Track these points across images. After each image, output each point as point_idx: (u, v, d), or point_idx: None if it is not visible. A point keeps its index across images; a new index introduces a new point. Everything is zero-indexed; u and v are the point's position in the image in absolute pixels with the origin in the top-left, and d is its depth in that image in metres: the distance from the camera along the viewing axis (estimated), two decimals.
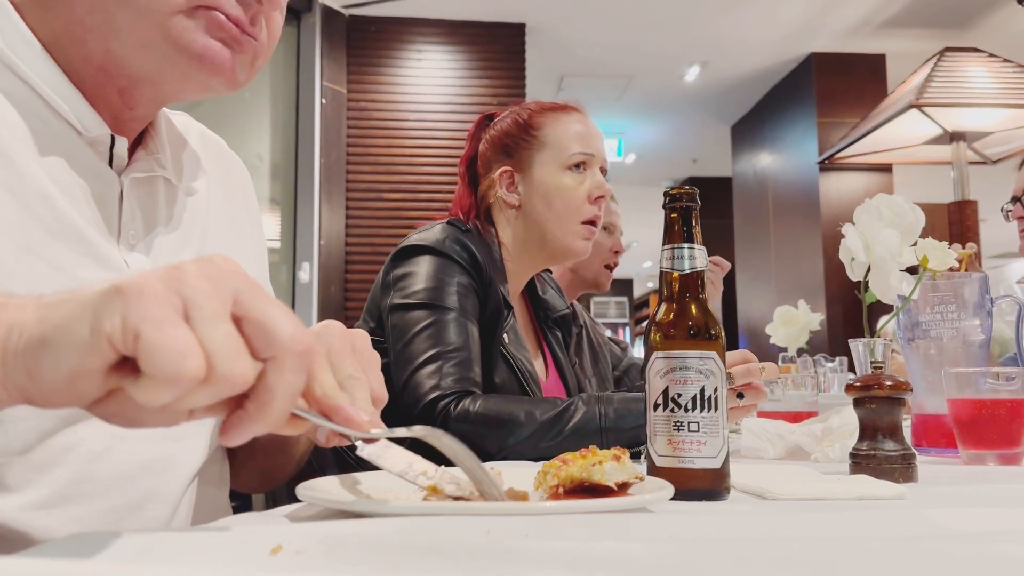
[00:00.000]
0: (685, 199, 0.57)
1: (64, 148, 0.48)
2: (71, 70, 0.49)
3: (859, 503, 0.52)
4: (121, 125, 0.53)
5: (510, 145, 1.09)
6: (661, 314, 0.57)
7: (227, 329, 0.30)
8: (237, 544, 0.32)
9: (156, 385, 0.28)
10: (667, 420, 0.54)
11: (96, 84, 0.50)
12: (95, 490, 0.47)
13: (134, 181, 0.53)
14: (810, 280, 3.85)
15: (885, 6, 3.43)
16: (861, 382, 0.66)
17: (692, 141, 5.25)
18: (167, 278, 0.29)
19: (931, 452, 0.86)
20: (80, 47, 0.49)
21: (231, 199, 0.64)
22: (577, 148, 1.07)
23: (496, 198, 1.09)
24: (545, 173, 1.06)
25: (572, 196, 1.05)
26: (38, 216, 0.46)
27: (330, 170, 3.14)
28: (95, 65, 0.49)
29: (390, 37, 3.33)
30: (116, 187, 0.51)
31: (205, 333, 0.29)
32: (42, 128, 0.47)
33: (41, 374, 0.29)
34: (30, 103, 0.47)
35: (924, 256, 0.73)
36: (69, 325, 0.29)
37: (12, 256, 0.44)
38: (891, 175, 3.87)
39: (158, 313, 0.28)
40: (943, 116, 2.63)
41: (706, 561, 0.31)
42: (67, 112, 0.48)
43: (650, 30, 3.62)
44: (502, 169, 1.08)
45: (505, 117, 1.12)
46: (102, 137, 0.50)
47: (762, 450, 0.85)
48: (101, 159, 0.51)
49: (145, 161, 0.54)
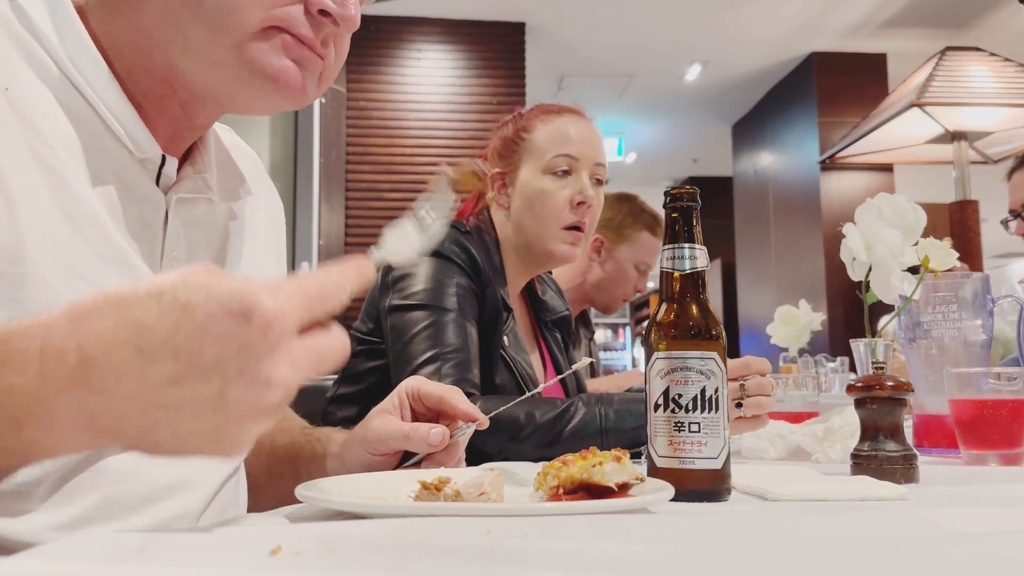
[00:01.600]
0: (686, 199, 0.57)
1: (115, 166, 0.48)
2: (131, 80, 0.48)
3: (860, 504, 0.52)
4: (178, 138, 0.52)
5: (504, 148, 1.09)
6: (662, 314, 0.56)
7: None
8: (236, 544, 0.32)
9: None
10: (667, 421, 0.54)
11: (157, 97, 0.49)
12: (121, 511, 0.47)
13: (180, 201, 0.52)
14: (811, 280, 3.85)
15: (886, 5, 3.42)
16: (862, 382, 0.65)
17: (693, 141, 5.24)
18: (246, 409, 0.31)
19: (932, 452, 0.86)
20: (145, 58, 0.48)
21: (269, 223, 0.64)
22: (558, 151, 1.04)
23: (489, 200, 1.09)
24: (528, 177, 1.06)
25: (552, 201, 1.03)
26: (89, 239, 0.45)
27: (329, 170, 3.14)
28: (158, 78, 0.49)
29: (390, 36, 3.33)
30: (162, 207, 0.51)
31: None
32: (95, 145, 0.47)
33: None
34: (86, 118, 0.47)
35: (925, 256, 0.73)
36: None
37: (62, 280, 0.43)
38: (892, 175, 3.87)
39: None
40: (944, 115, 2.63)
41: (706, 562, 0.31)
42: (122, 134, 0.47)
43: (651, 29, 3.62)
44: (495, 171, 1.08)
45: (509, 120, 1.12)
46: (153, 157, 0.49)
47: (763, 451, 0.85)
48: (149, 177, 0.50)
49: (192, 180, 0.53)
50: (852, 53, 3.82)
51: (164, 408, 0.30)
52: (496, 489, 0.46)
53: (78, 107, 0.46)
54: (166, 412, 0.30)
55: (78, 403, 0.30)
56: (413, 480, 0.49)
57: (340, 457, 0.61)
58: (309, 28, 0.48)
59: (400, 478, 0.52)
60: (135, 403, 0.30)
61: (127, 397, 0.30)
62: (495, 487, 0.46)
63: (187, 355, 0.30)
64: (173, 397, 0.30)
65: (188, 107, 0.51)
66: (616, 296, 1.71)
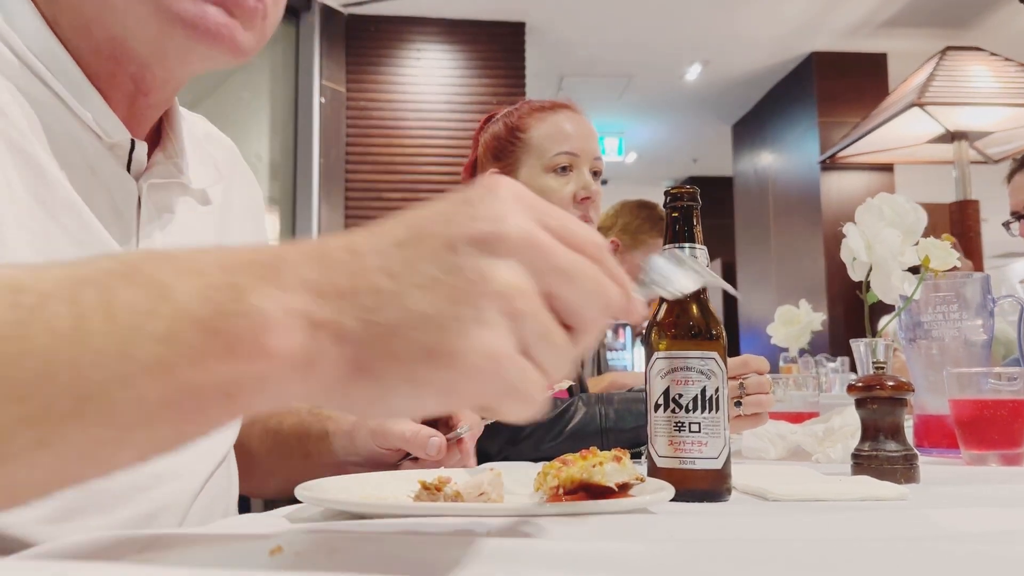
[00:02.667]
0: (686, 198, 0.57)
1: (84, 154, 0.47)
2: (84, 64, 0.47)
3: (861, 504, 0.52)
4: (138, 116, 0.50)
5: (499, 148, 1.09)
6: (662, 314, 0.56)
7: (560, 345, 0.28)
8: (237, 545, 0.32)
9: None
10: (668, 421, 0.53)
11: (108, 75, 0.48)
12: (108, 502, 0.47)
13: (152, 187, 0.51)
14: (811, 280, 3.85)
15: (886, 5, 3.42)
16: (863, 382, 0.65)
17: (693, 140, 5.24)
18: (502, 325, 0.26)
19: (933, 452, 0.86)
20: (88, 38, 0.47)
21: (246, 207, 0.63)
22: (559, 149, 1.05)
23: None
24: (529, 176, 1.06)
25: (556, 199, 1.04)
26: (66, 228, 0.44)
27: (329, 170, 3.14)
28: (104, 55, 0.47)
29: (389, 36, 3.33)
30: (134, 194, 0.50)
31: (543, 360, 0.27)
32: (63, 132, 0.46)
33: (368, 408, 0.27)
34: (51, 106, 0.46)
35: (926, 256, 0.73)
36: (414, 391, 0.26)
37: None
38: (892, 175, 3.86)
39: (513, 384, 0.26)
40: (945, 115, 2.63)
41: (707, 562, 0.31)
42: (89, 119, 0.46)
43: (651, 29, 3.62)
44: (491, 172, 1.09)
45: (498, 119, 1.12)
46: (122, 142, 0.49)
47: (763, 451, 0.85)
48: (120, 164, 0.49)
49: (164, 166, 0.52)
50: (852, 53, 3.82)
51: (387, 272, 0.26)
52: (496, 489, 0.46)
53: (41, 96, 0.45)
54: (389, 277, 0.26)
55: (300, 273, 0.26)
56: (413, 480, 0.49)
57: (350, 435, 0.61)
58: None
59: (400, 478, 0.52)
60: (364, 271, 0.26)
61: (355, 264, 0.26)
62: (495, 487, 0.46)
63: (418, 218, 0.28)
64: (402, 259, 0.26)
65: (139, 80, 0.49)
66: None
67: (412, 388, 0.26)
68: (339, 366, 0.26)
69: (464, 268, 0.26)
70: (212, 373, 0.25)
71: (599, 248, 0.30)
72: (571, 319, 0.29)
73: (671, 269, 0.36)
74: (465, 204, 0.28)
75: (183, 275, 0.25)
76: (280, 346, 0.25)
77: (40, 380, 0.23)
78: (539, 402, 0.27)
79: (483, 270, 0.26)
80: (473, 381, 0.26)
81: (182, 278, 0.25)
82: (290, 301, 0.25)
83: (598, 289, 0.29)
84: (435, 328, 0.26)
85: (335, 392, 0.27)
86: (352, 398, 0.27)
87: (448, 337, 0.25)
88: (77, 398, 0.23)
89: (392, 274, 0.26)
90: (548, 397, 0.29)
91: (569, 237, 0.29)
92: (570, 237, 0.29)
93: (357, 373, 0.26)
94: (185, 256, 0.26)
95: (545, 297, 0.28)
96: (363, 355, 0.26)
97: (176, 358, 0.24)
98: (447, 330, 0.26)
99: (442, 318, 0.26)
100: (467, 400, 0.27)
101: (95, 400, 0.24)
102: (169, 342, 0.24)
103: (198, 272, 0.26)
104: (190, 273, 0.25)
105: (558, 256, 0.28)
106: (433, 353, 0.26)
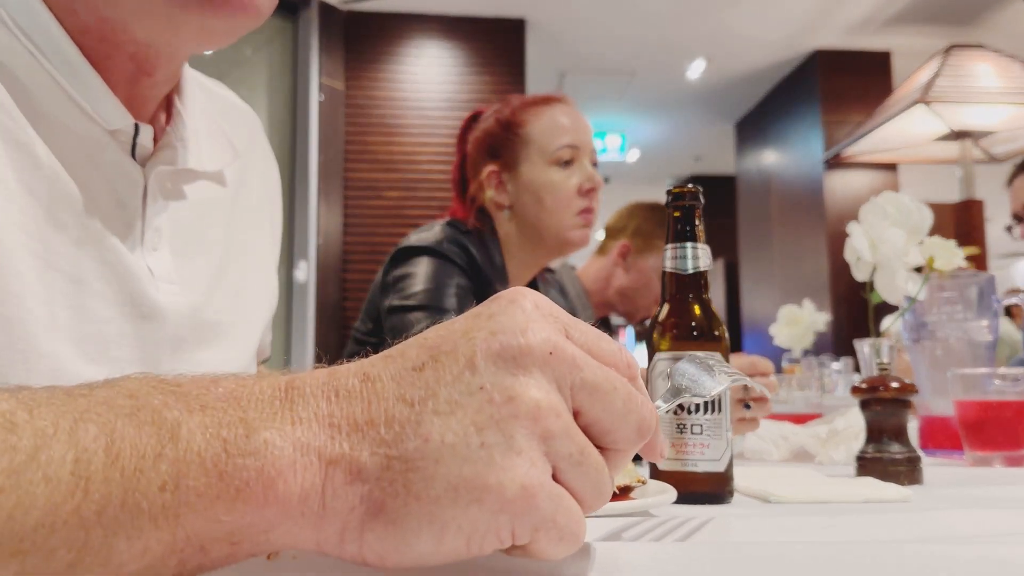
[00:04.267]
0: (688, 197, 0.57)
1: (86, 142, 0.44)
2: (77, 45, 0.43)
3: (864, 506, 0.51)
4: (141, 96, 0.46)
5: (495, 145, 1.08)
6: (664, 314, 0.56)
7: (594, 462, 0.26)
8: None
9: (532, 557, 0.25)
10: (670, 422, 0.53)
11: (103, 56, 0.43)
12: None
13: (159, 173, 0.47)
14: (815, 280, 3.84)
15: (890, 3, 3.41)
16: (867, 384, 0.65)
17: (695, 139, 5.23)
18: (533, 447, 0.24)
19: (937, 454, 0.85)
20: (72, 17, 0.42)
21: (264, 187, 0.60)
22: (561, 142, 1.05)
23: (487, 199, 1.09)
24: (533, 171, 1.06)
25: (562, 191, 1.05)
26: (63, 225, 0.42)
27: (328, 167, 3.14)
28: (95, 36, 0.43)
29: (388, 33, 3.32)
30: (140, 181, 0.46)
31: (577, 482, 0.25)
32: (64, 121, 0.43)
33: (385, 555, 0.24)
34: (50, 91, 0.42)
35: (930, 256, 0.73)
36: (437, 534, 0.23)
37: (33, 272, 0.40)
38: (896, 174, 3.85)
39: (550, 516, 0.24)
40: (949, 113, 2.62)
41: (708, 563, 0.31)
42: (87, 107, 0.43)
43: (653, 26, 3.61)
44: (489, 170, 1.07)
45: (488, 116, 1.11)
46: (125, 128, 0.45)
47: (766, 452, 0.85)
48: (123, 150, 0.45)
49: (172, 149, 0.48)
50: (856, 51, 3.81)
51: (404, 400, 0.24)
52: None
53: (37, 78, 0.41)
54: (407, 405, 0.24)
55: (312, 405, 0.25)
56: None
57: None
58: None
59: None
60: (379, 399, 0.24)
61: (370, 393, 0.25)
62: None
63: (435, 338, 0.26)
64: (420, 383, 0.24)
65: (140, 59, 0.45)
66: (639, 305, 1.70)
67: (436, 530, 0.23)
68: (354, 508, 0.24)
69: (487, 387, 0.24)
70: (218, 521, 0.23)
71: (630, 365, 0.28)
72: (603, 439, 0.26)
73: (698, 374, 0.36)
74: (485, 318, 0.26)
75: (192, 411, 0.24)
76: (291, 489, 0.23)
77: (39, 534, 0.21)
78: (579, 535, 0.25)
79: (508, 388, 0.24)
80: (504, 518, 0.23)
81: (190, 414, 0.24)
82: (302, 436, 0.24)
83: (631, 406, 0.27)
84: (459, 460, 0.23)
85: (350, 539, 0.24)
86: (369, 545, 0.24)
87: (474, 468, 0.23)
88: (79, 551, 0.22)
89: (410, 401, 0.24)
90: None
91: (597, 350, 0.27)
92: (598, 350, 0.27)
93: (374, 516, 0.24)
94: (194, 386, 0.25)
95: (575, 415, 0.26)
96: (380, 494, 0.23)
97: (181, 507, 0.23)
98: (473, 461, 0.23)
99: (467, 448, 0.23)
100: (497, 540, 0.24)
101: (97, 552, 0.22)
102: (176, 490, 0.23)
103: (208, 406, 0.24)
104: (199, 408, 0.24)
105: (589, 369, 0.26)
106: (459, 488, 0.23)
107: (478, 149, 1.10)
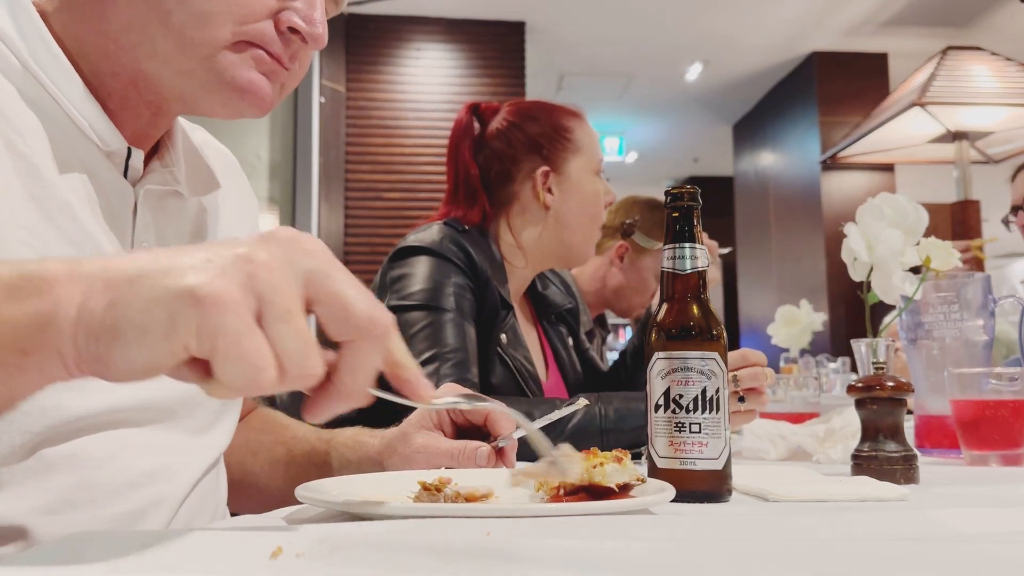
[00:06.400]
0: (686, 198, 0.57)
1: (83, 159, 0.48)
2: (97, 80, 0.49)
3: (861, 504, 0.52)
4: (142, 133, 0.53)
5: (544, 145, 1.07)
6: (662, 314, 0.56)
7: (299, 326, 0.30)
8: (237, 547, 0.32)
9: (229, 391, 0.29)
10: (668, 421, 0.53)
11: (123, 97, 0.50)
12: (100, 496, 0.47)
13: (148, 193, 0.53)
14: (812, 280, 3.85)
15: (887, 5, 3.42)
16: (863, 383, 0.65)
17: (693, 140, 5.24)
18: (240, 275, 0.29)
19: (933, 453, 0.86)
20: (110, 62, 0.49)
21: (240, 216, 0.64)
22: (599, 156, 1.11)
23: (527, 197, 1.07)
24: (581, 176, 1.08)
25: (599, 202, 1.09)
26: (60, 228, 0.45)
27: (329, 169, 3.14)
28: (124, 80, 0.50)
29: (389, 35, 3.33)
30: (130, 199, 0.51)
31: (278, 333, 0.29)
32: (62, 137, 0.47)
33: (112, 361, 0.29)
34: (51, 111, 0.47)
35: (927, 256, 0.73)
36: (143, 323, 0.29)
37: None
38: (893, 175, 3.86)
39: (234, 324, 0.28)
40: (946, 115, 2.62)
41: (707, 562, 0.31)
42: (86, 128, 0.48)
43: (651, 29, 3.62)
44: (543, 169, 1.06)
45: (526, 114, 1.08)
46: (119, 150, 0.50)
47: (764, 451, 0.85)
48: (117, 170, 0.51)
49: (160, 173, 0.54)
50: (853, 53, 3.82)
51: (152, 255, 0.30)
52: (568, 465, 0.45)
53: (43, 101, 0.47)
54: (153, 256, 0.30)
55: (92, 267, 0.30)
56: (413, 480, 0.49)
57: (378, 463, 0.62)
58: (280, 45, 0.50)
59: (400, 479, 0.52)
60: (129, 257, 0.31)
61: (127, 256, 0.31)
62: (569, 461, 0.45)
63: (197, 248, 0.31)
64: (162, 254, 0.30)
65: (155, 107, 0.52)
66: (635, 303, 1.70)
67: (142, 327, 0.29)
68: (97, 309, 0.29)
69: (235, 249, 0.30)
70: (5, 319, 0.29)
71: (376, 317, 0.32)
72: (336, 329, 0.31)
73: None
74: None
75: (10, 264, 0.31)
76: (60, 291, 0.29)
77: None
78: (259, 369, 0.29)
79: (250, 250, 0.30)
80: (192, 312, 0.28)
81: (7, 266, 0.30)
82: (75, 270, 0.30)
83: (362, 296, 0.31)
84: (177, 272, 0.29)
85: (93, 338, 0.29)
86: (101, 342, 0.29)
87: (185, 277, 0.29)
88: None
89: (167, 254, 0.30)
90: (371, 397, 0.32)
91: (353, 283, 0.32)
92: (354, 284, 0.32)
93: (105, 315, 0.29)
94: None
95: (307, 302, 0.31)
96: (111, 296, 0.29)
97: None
98: (185, 274, 0.29)
99: (189, 265, 0.29)
100: (188, 336, 0.28)
101: None
102: None
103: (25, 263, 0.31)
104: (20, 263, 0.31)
105: (327, 265, 0.31)
106: (168, 290, 0.29)
107: (523, 146, 1.07)
